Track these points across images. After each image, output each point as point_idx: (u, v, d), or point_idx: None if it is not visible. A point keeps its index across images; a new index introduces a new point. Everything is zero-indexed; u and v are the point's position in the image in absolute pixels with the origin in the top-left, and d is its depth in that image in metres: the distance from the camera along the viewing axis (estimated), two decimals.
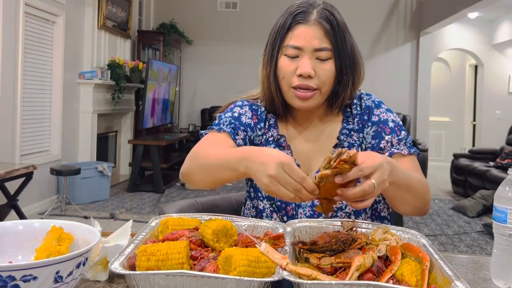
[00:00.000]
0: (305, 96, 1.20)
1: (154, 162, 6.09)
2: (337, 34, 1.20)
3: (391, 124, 1.28)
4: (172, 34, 7.79)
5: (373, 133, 1.28)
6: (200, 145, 1.23)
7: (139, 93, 7.13)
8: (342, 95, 1.26)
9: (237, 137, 1.26)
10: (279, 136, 1.30)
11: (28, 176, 3.90)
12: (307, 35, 1.18)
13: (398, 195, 1.11)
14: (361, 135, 1.29)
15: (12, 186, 3.90)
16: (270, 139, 1.31)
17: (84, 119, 5.80)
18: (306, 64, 1.18)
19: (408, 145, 1.26)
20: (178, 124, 8.53)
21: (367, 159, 0.93)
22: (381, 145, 1.26)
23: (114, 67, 6.15)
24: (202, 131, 1.32)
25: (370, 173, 0.92)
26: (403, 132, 1.27)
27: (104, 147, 6.62)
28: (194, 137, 7.66)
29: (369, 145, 1.28)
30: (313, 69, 1.18)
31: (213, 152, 1.14)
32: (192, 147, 1.23)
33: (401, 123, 1.30)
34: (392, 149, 1.24)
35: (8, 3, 4.24)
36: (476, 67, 9.13)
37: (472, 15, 7.37)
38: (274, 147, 1.29)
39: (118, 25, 6.62)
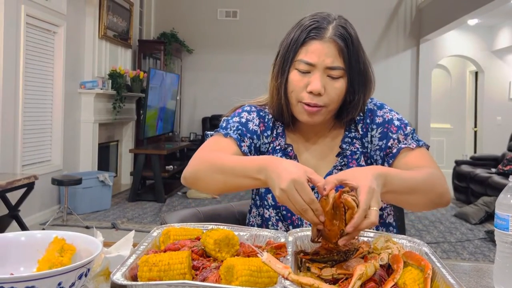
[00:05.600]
0: (312, 111, 1.19)
1: (155, 171, 6.09)
2: (350, 52, 1.18)
3: (396, 123, 1.26)
4: (173, 43, 7.82)
5: (379, 135, 1.27)
6: (206, 149, 1.21)
7: (140, 102, 7.14)
8: (352, 113, 1.25)
9: (242, 144, 1.24)
10: (286, 145, 1.29)
11: (30, 187, 3.90)
12: (321, 52, 1.16)
13: (402, 200, 1.09)
14: (365, 140, 1.28)
15: (13, 197, 3.90)
16: (277, 147, 1.30)
17: (85, 129, 5.81)
18: (317, 81, 1.16)
19: (416, 138, 1.25)
20: (179, 133, 8.53)
21: (358, 183, 0.90)
22: (389, 144, 1.24)
23: (115, 76, 6.17)
24: (209, 132, 1.31)
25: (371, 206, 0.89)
26: (408, 128, 1.26)
27: (105, 156, 6.62)
28: (195, 146, 7.66)
29: (377, 147, 1.26)
30: (323, 87, 1.17)
31: (226, 157, 1.12)
32: (193, 155, 1.22)
33: (406, 120, 1.29)
34: (400, 145, 1.22)
35: (9, 13, 4.27)
36: (476, 73, 9.14)
37: (472, 21, 7.40)
38: (281, 156, 1.28)
39: (119, 35, 6.65)
